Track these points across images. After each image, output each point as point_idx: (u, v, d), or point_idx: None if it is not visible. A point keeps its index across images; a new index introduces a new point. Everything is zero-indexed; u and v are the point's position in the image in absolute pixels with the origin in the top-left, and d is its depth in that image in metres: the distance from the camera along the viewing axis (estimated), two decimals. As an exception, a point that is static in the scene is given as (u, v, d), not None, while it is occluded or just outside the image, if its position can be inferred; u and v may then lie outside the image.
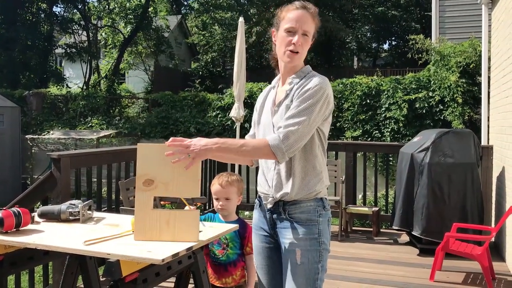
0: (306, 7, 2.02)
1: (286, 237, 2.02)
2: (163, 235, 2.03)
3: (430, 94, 10.76)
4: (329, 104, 1.98)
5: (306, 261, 1.97)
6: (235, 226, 2.39)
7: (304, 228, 1.99)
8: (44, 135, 14.49)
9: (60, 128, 14.94)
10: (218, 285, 2.67)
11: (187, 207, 2.18)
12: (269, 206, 2.07)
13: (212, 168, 6.25)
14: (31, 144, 14.12)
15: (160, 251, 1.89)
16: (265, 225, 2.12)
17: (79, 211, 2.39)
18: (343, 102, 11.75)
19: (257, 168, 2.26)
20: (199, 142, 1.90)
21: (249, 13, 19.78)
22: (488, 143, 6.41)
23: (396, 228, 5.13)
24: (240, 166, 6.15)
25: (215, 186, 2.65)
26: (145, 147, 2.02)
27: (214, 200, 2.69)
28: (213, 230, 2.26)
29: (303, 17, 1.98)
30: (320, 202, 2.03)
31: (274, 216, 2.07)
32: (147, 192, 2.01)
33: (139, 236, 2.04)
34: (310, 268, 1.97)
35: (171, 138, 1.95)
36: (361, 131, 11.39)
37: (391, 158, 8.78)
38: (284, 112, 1.97)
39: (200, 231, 2.10)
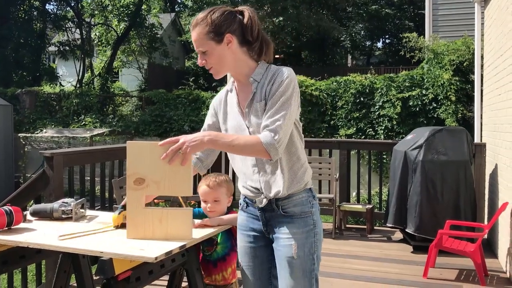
0: (192, 24, 1.98)
1: (282, 232, 2.00)
2: (156, 233, 2.02)
3: (424, 92, 10.80)
4: (299, 92, 1.99)
5: (302, 254, 1.97)
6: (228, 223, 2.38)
7: (299, 221, 1.99)
8: (37, 133, 14.42)
9: (53, 126, 14.87)
10: (207, 282, 2.61)
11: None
12: (260, 205, 2.04)
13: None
14: (24, 142, 14.05)
15: (153, 249, 1.89)
16: (256, 225, 2.10)
17: (71, 210, 2.38)
18: (337, 100, 11.77)
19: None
20: (189, 136, 1.89)
21: (243, 10, 19.72)
22: (481, 140, 6.44)
23: (390, 225, 5.14)
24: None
25: (202, 187, 2.50)
26: (135, 145, 2.00)
27: (202, 203, 2.53)
28: (206, 228, 2.26)
29: (193, 38, 1.97)
30: (310, 192, 2.04)
31: (267, 214, 2.05)
32: (138, 191, 2.00)
33: (132, 235, 2.03)
34: (306, 260, 1.98)
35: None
36: (355, 129, 11.41)
37: (384, 156, 8.80)
38: (260, 111, 1.95)
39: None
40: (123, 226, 2.19)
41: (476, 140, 6.59)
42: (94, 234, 2.13)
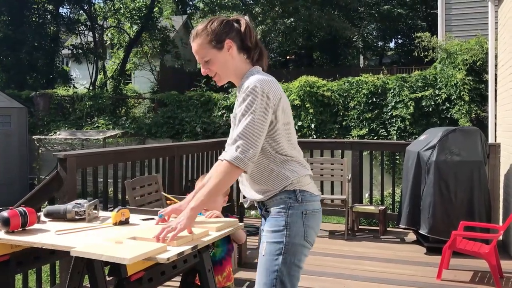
0: (192, 36, 2.09)
1: (263, 230, 2.07)
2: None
3: (437, 92, 10.71)
4: (270, 98, 1.94)
5: (268, 253, 1.99)
6: (235, 222, 2.37)
7: (272, 220, 2.00)
8: (51, 135, 14.56)
9: (66, 128, 15.01)
10: None
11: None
12: (255, 203, 2.14)
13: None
14: (38, 144, 14.19)
15: (165, 250, 1.89)
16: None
17: (84, 211, 2.40)
18: (349, 100, 11.72)
19: None
20: (178, 220, 1.98)
21: (253, 11, 19.78)
22: (495, 140, 6.37)
23: (403, 226, 5.11)
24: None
25: (198, 186, 2.49)
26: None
27: None
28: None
29: (194, 49, 2.09)
30: (292, 194, 1.99)
31: (260, 211, 2.13)
32: None
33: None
34: (269, 259, 1.98)
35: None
36: (367, 129, 11.35)
37: (397, 157, 8.74)
38: (232, 122, 2.05)
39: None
40: (121, 223, 2.31)
41: (490, 140, 6.52)
42: (91, 230, 2.17)
